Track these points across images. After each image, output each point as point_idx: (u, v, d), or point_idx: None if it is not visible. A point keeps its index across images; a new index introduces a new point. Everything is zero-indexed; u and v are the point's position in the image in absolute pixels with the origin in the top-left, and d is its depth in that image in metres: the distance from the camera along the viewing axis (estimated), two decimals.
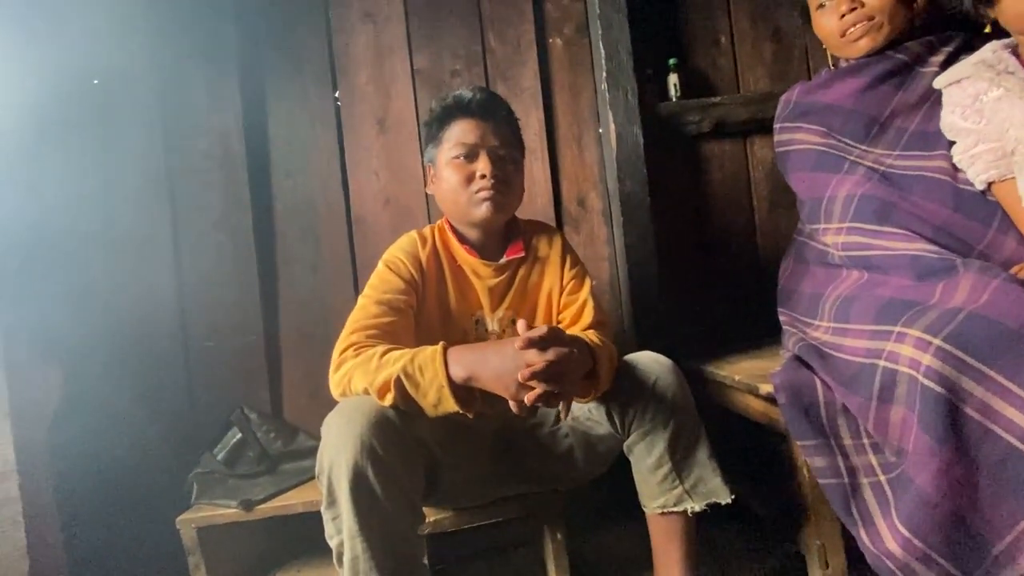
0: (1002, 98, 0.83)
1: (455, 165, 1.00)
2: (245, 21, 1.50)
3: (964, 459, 0.67)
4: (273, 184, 1.51)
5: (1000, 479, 0.66)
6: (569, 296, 1.08)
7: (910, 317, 0.76)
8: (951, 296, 0.75)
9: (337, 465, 0.78)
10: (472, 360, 0.80)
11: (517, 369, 0.76)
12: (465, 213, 1.02)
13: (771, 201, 1.51)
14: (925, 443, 0.69)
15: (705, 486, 0.93)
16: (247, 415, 1.42)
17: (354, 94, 1.52)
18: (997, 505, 0.67)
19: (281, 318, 1.49)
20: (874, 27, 1.03)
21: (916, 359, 0.71)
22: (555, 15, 1.54)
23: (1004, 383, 0.66)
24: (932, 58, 1.05)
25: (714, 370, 1.17)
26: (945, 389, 0.68)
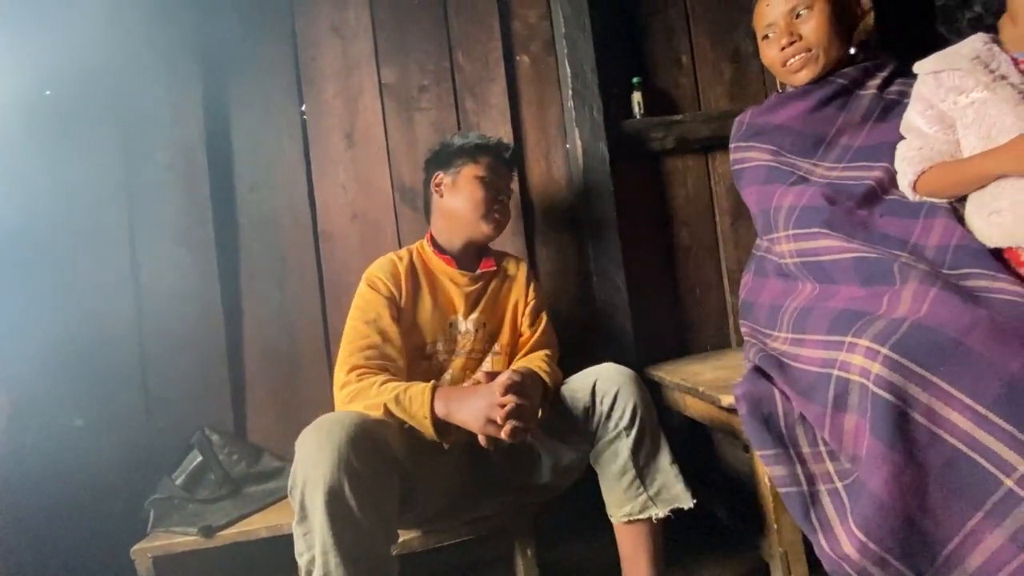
0: (988, 102, 0.85)
1: (482, 183, 1.15)
2: (209, 32, 1.47)
3: (913, 463, 0.71)
4: (237, 197, 1.48)
5: (947, 481, 0.70)
6: (530, 315, 1.20)
7: (860, 327, 0.79)
8: (896, 306, 0.79)
9: (312, 479, 0.77)
10: (453, 400, 0.92)
11: (488, 409, 0.88)
12: (473, 223, 1.15)
13: (732, 214, 1.56)
14: (877, 449, 0.71)
15: (668, 492, 0.96)
16: (208, 437, 1.38)
17: (321, 107, 1.51)
18: (946, 507, 0.70)
19: (245, 335, 1.45)
20: (812, 59, 1.12)
21: (866, 368, 0.74)
22: (522, 33, 1.57)
23: (947, 389, 0.70)
24: (870, 82, 1.15)
25: (679, 381, 1.19)
26: (893, 396, 0.71)
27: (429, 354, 1.13)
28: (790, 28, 1.12)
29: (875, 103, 1.13)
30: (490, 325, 1.19)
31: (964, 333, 0.70)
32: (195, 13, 1.47)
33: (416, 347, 1.12)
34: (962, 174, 0.88)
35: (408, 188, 1.50)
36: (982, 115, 0.86)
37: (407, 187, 1.50)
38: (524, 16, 1.57)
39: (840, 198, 1.01)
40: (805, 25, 1.11)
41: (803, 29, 1.11)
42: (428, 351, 1.13)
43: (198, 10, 1.47)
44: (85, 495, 1.25)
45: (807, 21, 1.11)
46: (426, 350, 1.13)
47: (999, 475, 0.66)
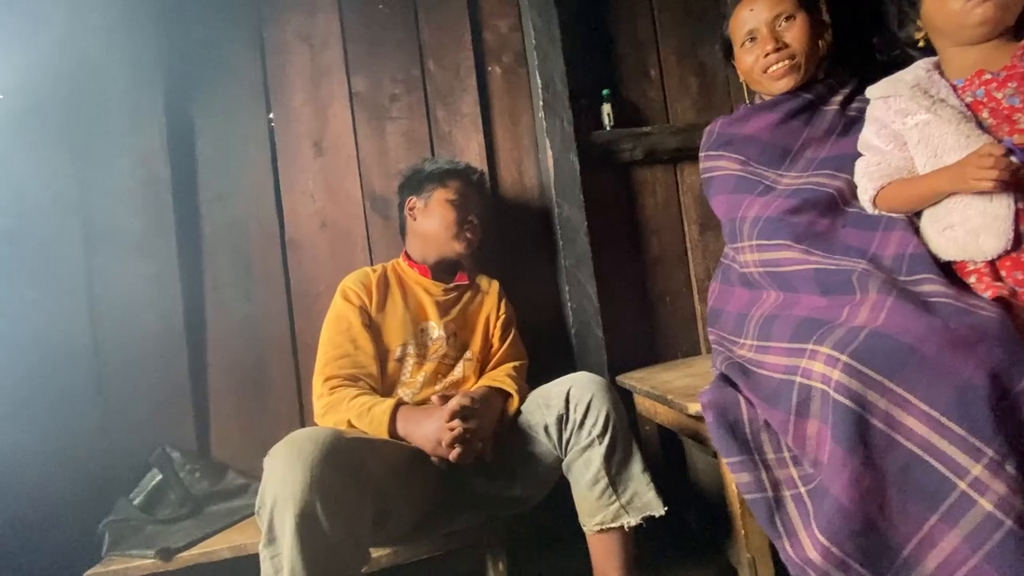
0: (931, 123, 0.89)
1: (452, 206, 1.22)
2: (172, 37, 1.44)
3: (873, 467, 0.72)
4: (201, 206, 1.44)
5: (905, 485, 0.72)
6: (501, 329, 1.25)
7: (821, 335, 0.81)
8: (856, 314, 0.82)
9: (283, 499, 0.75)
10: (411, 421, 0.99)
11: (438, 433, 0.94)
12: (445, 243, 1.23)
13: (701, 224, 1.59)
14: (837, 454, 0.73)
15: (640, 500, 0.96)
16: (169, 454, 1.32)
17: (289, 115, 1.48)
18: (904, 510, 0.72)
19: (209, 347, 1.41)
20: (795, 67, 1.14)
21: (827, 375, 0.76)
22: (494, 44, 1.58)
23: (904, 394, 0.72)
24: (833, 98, 1.18)
25: (649, 388, 1.20)
26: (853, 402, 0.73)
27: (400, 357, 1.15)
28: (774, 35, 1.13)
29: (838, 119, 1.16)
30: (462, 334, 1.21)
31: (919, 341, 0.72)
32: (158, 18, 1.43)
33: (387, 351, 1.15)
34: (916, 191, 0.92)
35: (379, 197, 1.49)
36: (927, 135, 0.90)
37: (378, 196, 1.49)
38: (495, 27, 1.58)
39: (804, 208, 1.04)
40: (788, 33, 1.12)
41: (787, 37, 1.12)
42: (399, 355, 1.15)
43: (161, 15, 1.44)
44: (37, 518, 1.19)
45: (790, 29, 1.12)
46: (396, 354, 1.15)
47: (953, 478, 0.69)
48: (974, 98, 0.90)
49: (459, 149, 1.53)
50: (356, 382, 1.09)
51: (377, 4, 1.53)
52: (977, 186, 0.81)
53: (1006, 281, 0.84)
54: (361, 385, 1.08)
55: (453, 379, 1.16)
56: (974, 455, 0.67)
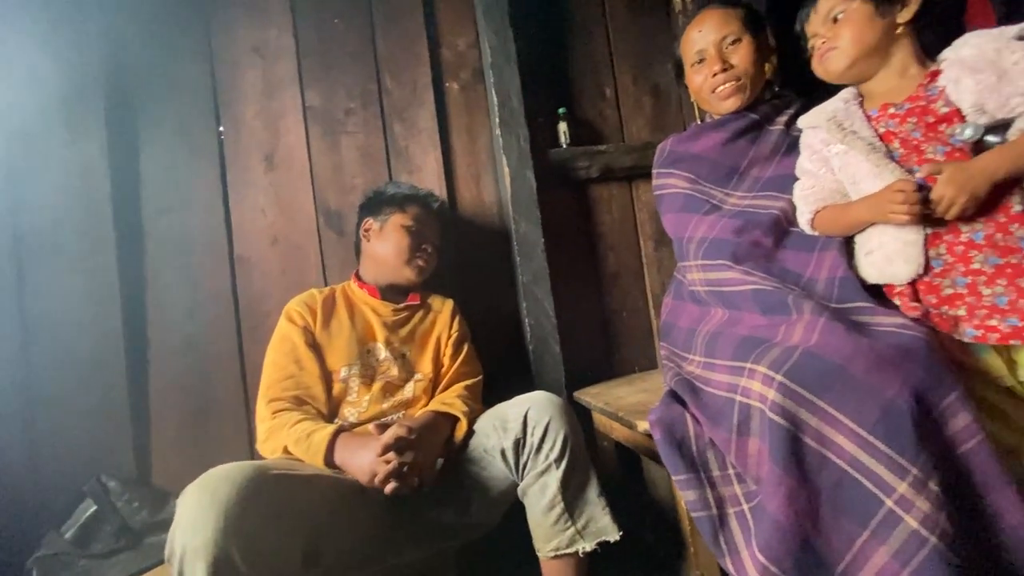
0: (847, 152, 0.94)
1: (407, 231, 1.23)
2: (116, 44, 1.39)
3: (806, 485, 0.74)
4: (144, 221, 1.38)
5: (837, 502, 0.74)
6: (452, 347, 1.24)
7: (758, 354, 0.83)
8: (791, 334, 0.84)
9: (192, 549, 0.69)
10: (348, 451, 0.95)
11: (373, 464, 0.91)
12: (397, 268, 1.23)
13: (656, 239, 1.62)
14: (774, 473, 0.75)
15: (595, 524, 0.95)
16: (104, 483, 1.25)
17: (240, 128, 1.45)
18: (837, 527, 0.74)
19: (151, 369, 1.35)
20: (740, 88, 1.18)
21: (763, 394, 0.78)
22: (451, 60, 1.58)
23: (834, 413, 0.74)
24: (778, 118, 1.22)
25: (603, 405, 1.21)
26: (787, 421, 0.75)
27: (345, 379, 1.12)
28: (721, 56, 1.17)
29: (782, 139, 1.21)
30: (411, 355, 1.19)
31: (847, 361, 0.75)
32: (100, 23, 1.38)
33: (332, 372, 1.12)
34: (846, 220, 0.96)
35: (333, 212, 1.46)
36: (845, 164, 0.95)
37: (332, 211, 1.46)
38: (453, 44, 1.58)
39: (747, 229, 1.07)
40: (734, 55, 1.17)
41: (733, 58, 1.17)
42: (343, 376, 1.12)
43: (104, 20, 1.38)
44: None
45: (736, 51, 1.17)
46: (341, 375, 1.12)
47: (881, 496, 0.71)
48: (886, 128, 0.93)
49: (416, 164, 1.52)
50: (301, 405, 1.05)
51: (332, 18, 1.52)
52: (893, 219, 0.85)
53: (922, 303, 0.88)
54: (306, 409, 1.05)
55: (403, 398, 1.14)
56: (899, 473, 0.70)
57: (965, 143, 0.84)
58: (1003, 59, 0.81)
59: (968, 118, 0.84)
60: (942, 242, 0.86)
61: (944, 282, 0.86)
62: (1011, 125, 0.82)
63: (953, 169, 0.81)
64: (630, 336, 1.58)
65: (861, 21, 0.92)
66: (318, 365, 1.10)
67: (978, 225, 0.83)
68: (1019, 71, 0.80)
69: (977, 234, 0.83)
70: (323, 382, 1.10)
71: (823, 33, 0.97)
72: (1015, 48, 0.81)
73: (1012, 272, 0.81)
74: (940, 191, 0.80)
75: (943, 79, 0.88)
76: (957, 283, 0.85)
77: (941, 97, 0.87)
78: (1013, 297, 0.80)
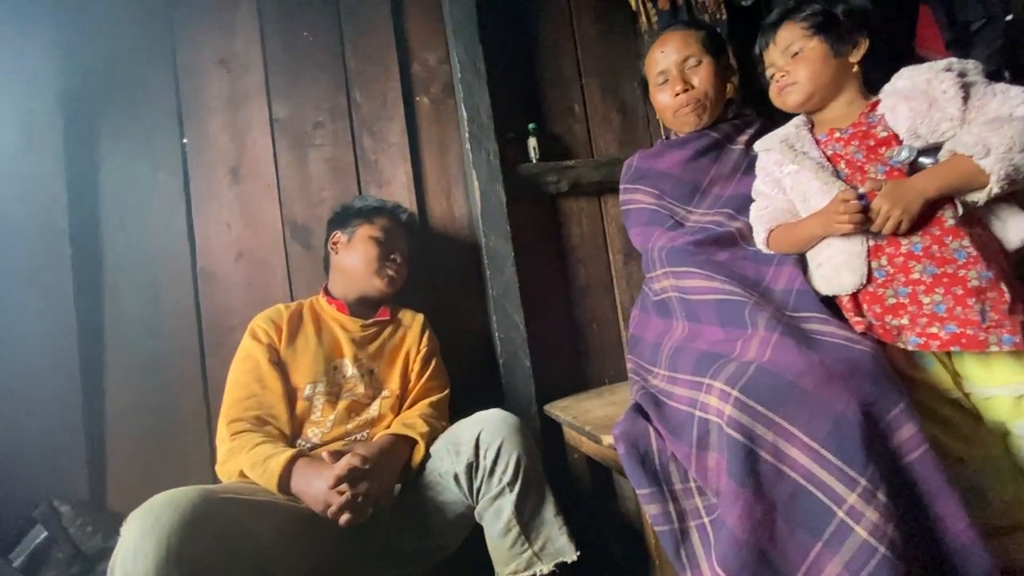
0: (798, 172, 1.01)
1: (375, 243, 1.22)
2: (75, 50, 1.35)
3: (763, 498, 0.76)
4: (103, 235, 1.35)
5: (792, 514, 0.76)
6: (421, 362, 1.22)
7: (716, 369, 0.85)
8: (747, 350, 0.87)
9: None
10: (303, 479, 0.92)
11: (326, 495, 0.89)
12: (366, 280, 1.22)
13: (625, 253, 1.64)
14: (731, 486, 0.76)
15: (553, 545, 0.95)
16: (56, 509, 1.20)
17: (204, 141, 1.42)
18: (792, 538, 0.75)
19: (108, 388, 1.30)
20: (701, 107, 1.23)
21: (720, 409, 0.80)
22: (422, 75, 1.59)
23: (788, 427, 0.77)
24: (739, 137, 1.27)
25: (571, 419, 1.22)
26: (743, 436, 0.77)
27: (309, 396, 1.11)
28: (683, 76, 1.22)
29: (742, 158, 1.25)
30: (379, 371, 1.18)
31: (799, 376, 0.77)
32: (62, 32, 1.35)
33: (296, 390, 1.11)
34: (797, 236, 1.02)
35: (300, 226, 1.44)
36: (797, 183, 1.02)
37: (299, 224, 1.44)
38: (424, 59, 1.59)
39: (706, 242, 1.11)
40: (695, 76, 1.21)
41: (694, 79, 1.21)
42: (308, 393, 1.11)
43: (65, 29, 1.35)
44: None
45: (697, 72, 1.21)
46: (305, 392, 1.11)
47: (833, 507, 0.73)
48: (833, 151, 1.01)
49: (386, 177, 1.52)
50: (262, 426, 1.03)
51: (301, 32, 1.51)
52: (839, 229, 0.91)
53: (866, 315, 0.93)
54: (267, 430, 1.03)
55: (368, 417, 1.12)
56: (849, 484, 0.72)
57: (902, 164, 0.91)
58: (933, 88, 0.90)
59: (904, 141, 0.92)
60: (884, 254, 0.92)
61: (887, 292, 0.91)
62: (942, 147, 0.88)
63: (891, 185, 0.88)
64: (600, 348, 1.60)
65: (817, 60, 0.99)
66: (282, 383, 1.08)
67: (916, 237, 0.89)
68: (947, 99, 0.88)
69: (916, 246, 0.89)
70: (286, 401, 1.07)
71: (781, 66, 1.03)
72: (944, 79, 0.89)
73: (948, 281, 0.86)
74: (878, 203, 0.87)
75: (882, 107, 0.96)
76: (899, 293, 0.90)
77: (881, 123, 0.96)
78: (951, 305, 0.85)
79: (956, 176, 0.85)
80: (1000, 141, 0.82)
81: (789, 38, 1.02)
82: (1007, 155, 0.81)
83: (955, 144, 0.86)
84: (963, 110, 0.88)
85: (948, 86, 0.88)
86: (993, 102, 0.87)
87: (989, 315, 0.83)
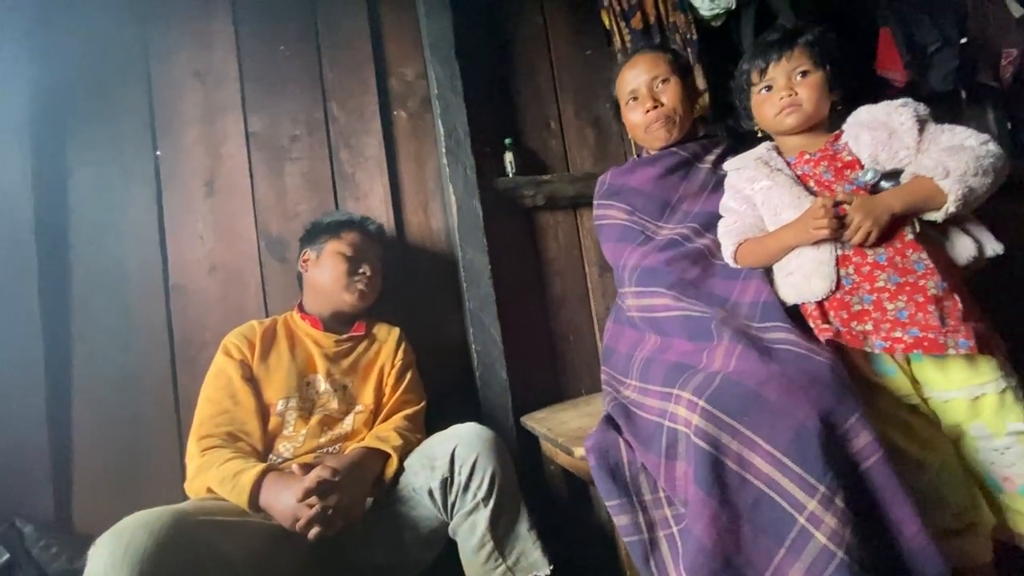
0: (772, 188, 1.06)
1: (343, 258, 1.22)
2: (44, 66, 1.34)
3: (728, 507, 0.78)
4: (72, 247, 1.33)
5: (756, 521, 0.78)
6: (396, 375, 1.22)
7: (684, 380, 0.88)
8: (713, 361, 0.89)
9: None
10: (272, 493, 0.91)
11: (295, 509, 0.88)
12: (336, 295, 1.22)
13: (600, 265, 1.67)
14: (699, 496, 0.78)
15: (526, 560, 0.96)
16: (19, 528, 1.17)
17: (178, 153, 1.41)
18: (756, 545, 0.77)
19: (75, 404, 1.28)
20: (671, 123, 1.28)
21: (688, 419, 0.82)
22: (399, 90, 1.60)
23: (751, 436, 0.79)
24: (707, 156, 1.31)
25: (546, 431, 1.23)
26: (709, 445, 0.79)
27: (281, 412, 1.10)
28: (652, 94, 1.27)
29: (710, 176, 1.29)
30: (352, 387, 1.18)
31: (762, 385, 0.80)
32: (28, 37, 1.33)
33: (269, 405, 1.10)
34: (768, 247, 1.06)
35: (275, 239, 1.44)
36: (769, 197, 1.07)
37: (274, 237, 1.44)
38: (401, 74, 1.61)
39: (676, 259, 1.14)
40: (664, 94, 1.27)
41: (663, 97, 1.27)
42: (280, 409, 1.10)
43: (33, 35, 1.34)
44: None
45: (666, 91, 1.27)
46: (278, 408, 1.10)
47: (794, 513, 0.75)
48: (802, 172, 1.08)
49: (363, 191, 1.53)
50: (234, 442, 1.02)
51: (278, 45, 1.52)
52: (816, 235, 0.95)
53: (833, 321, 0.97)
54: (239, 446, 1.02)
55: (341, 432, 1.11)
56: (809, 491, 0.74)
57: (866, 184, 0.99)
58: (893, 120, 0.99)
59: (866, 166, 1.00)
60: (851, 263, 0.98)
61: (853, 299, 0.97)
62: (901, 173, 0.97)
63: (862, 200, 0.95)
64: (577, 360, 1.61)
65: (820, 89, 1.06)
66: (255, 399, 1.08)
67: (880, 249, 0.96)
68: (905, 130, 0.98)
69: (880, 256, 0.96)
70: (259, 417, 1.07)
71: (784, 85, 1.07)
72: (903, 112, 0.99)
73: (910, 289, 0.93)
74: (852, 213, 0.93)
75: (845, 136, 1.06)
76: (864, 300, 0.96)
77: (845, 149, 1.05)
78: (912, 311, 0.92)
79: (919, 195, 0.93)
80: (957, 165, 0.90)
81: (800, 59, 1.07)
82: (963, 177, 0.90)
83: (917, 167, 0.94)
84: (918, 141, 0.97)
85: (906, 119, 0.98)
86: (943, 136, 0.97)
87: (947, 321, 0.89)
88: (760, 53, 1.10)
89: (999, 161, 0.92)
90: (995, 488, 0.95)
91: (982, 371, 0.92)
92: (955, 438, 0.96)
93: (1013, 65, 2.01)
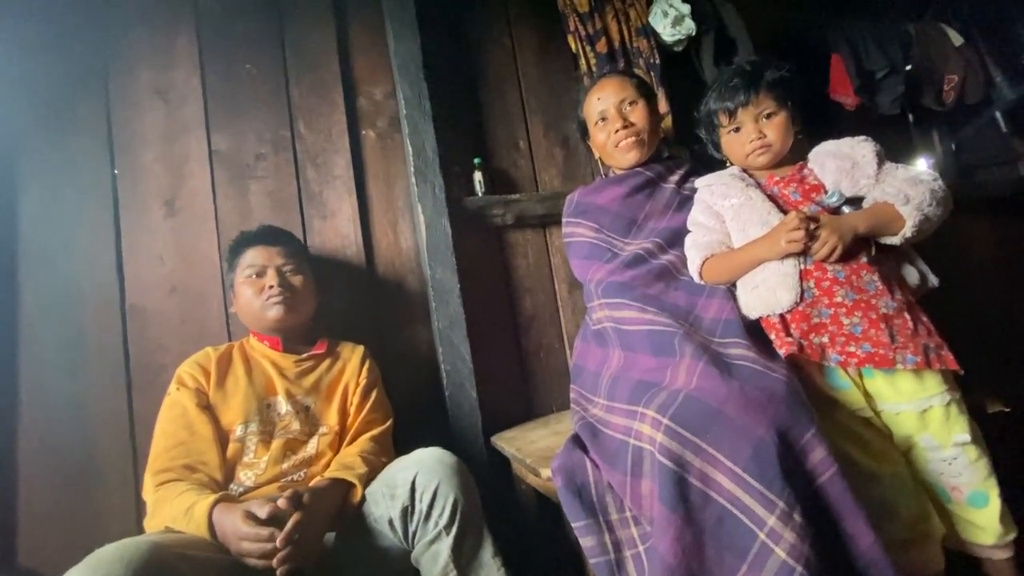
0: (744, 205, 1.12)
1: (249, 282, 1.19)
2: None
3: (692, 523, 0.79)
4: (20, 269, 1.27)
5: (719, 538, 0.79)
6: (361, 394, 1.20)
7: (648, 398, 0.89)
8: (676, 378, 0.91)
9: None
10: (224, 524, 0.87)
11: (247, 541, 0.84)
12: (260, 318, 1.18)
13: (570, 283, 1.69)
14: (663, 513, 0.79)
15: None
16: None
17: (137, 172, 1.38)
18: (720, 561, 0.78)
19: (20, 432, 1.21)
20: (640, 142, 1.33)
21: (652, 437, 0.83)
22: (368, 109, 1.60)
23: (714, 453, 0.80)
24: (671, 177, 1.36)
25: (514, 451, 1.22)
26: (673, 463, 0.80)
27: (241, 437, 1.07)
28: (621, 114, 1.33)
29: (674, 196, 1.34)
30: (315, 408, 1.15)
31: (722, 403, 0.82)
32: None
33: (228, 432, 1.07)
34: (736, 261, 1.11)
35: None
36: (739, 214, 1.12)
37: None
38: (370, 93, 1.61)
39: (640, 275, 1.17)
40: (632, 114, 1.33)
41: (632, 117, 1.33)
42: (239, 434, 1.07)
43: None
44: None
45: (634, 111, 1.33)
46: (237, 433, 1.07)
47: (755, 529, 0.77)
48: (771, 193, 1.14)
49: (331, 210, 1.52)
50: (191, 473, 0.98)
51: (243, 64, 1.50)
52: (789, 248, 1.00)
53: (793, 333, 1.01)
54: (196, 477, 0.98)
55: (305, 456, 1.08)
56: (768, 507, 0.76)
57: (831, 206, 1.06)
58: (855, 152, 1.09)
59: (831, 190, 1.07)
60: (812, 278, 1.03)
61: (813, 312, 1.02)
62: (863, 200, 1.05)
63: (830, 218, 1.01)
64: (547, 377, 1.62)
65: (785, 128, 1.13)
66: (212, 427, 1.04)
67: (839, 266, 1.02)
68: (866, 162, 1.08)
69: (839, 273, 1.02)
70: (217, 446, 1.03)
71: (753, 128, 1.14)
72: (864, 146, 1.09)
73: (865, 307, 0.99)
74: (820, 230, 0.99)
75: (811, 164, 1.14)
76: (823, 313, 1.01)
77: (811, 175, 1.14)
78: (865, 327, 0.98)
79: (881, 218, 1.00)
80: (916, 193, 0.98)
81: (767, 103, 1.13)
82: (921, 206, 0.98)
83: (879, 194, 1.03)
84: (877, 173, 1.06)
85: (867, 151, 1.08)
86: (899, 171, 1.05)
87: (897, 338, 0.96)
88: (727, 96, 1.15)
89: (948, 197, 1.02)
90: (945, 498, 0.99)
91: (928, 385, 0.97)
92: (906, 450, 1.00)
93: (955, 90, 2.14)
